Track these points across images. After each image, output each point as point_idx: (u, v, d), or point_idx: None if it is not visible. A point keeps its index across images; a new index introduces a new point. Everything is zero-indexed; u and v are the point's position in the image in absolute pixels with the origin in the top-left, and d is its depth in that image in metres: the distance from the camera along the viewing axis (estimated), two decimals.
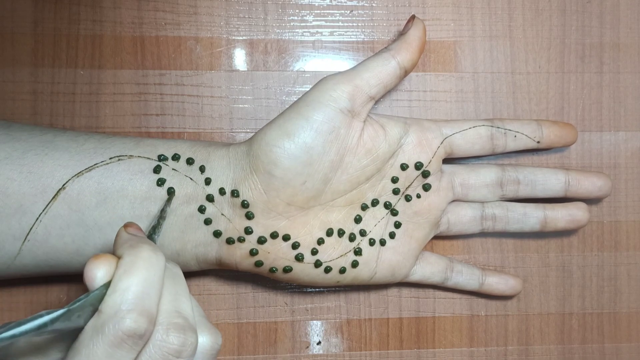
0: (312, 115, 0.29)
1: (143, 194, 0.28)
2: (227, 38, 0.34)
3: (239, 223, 0.29)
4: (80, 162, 0.28)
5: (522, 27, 0.36)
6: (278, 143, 0.28)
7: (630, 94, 0.37)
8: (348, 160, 0.30)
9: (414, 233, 0.32)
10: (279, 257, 0.30)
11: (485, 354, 0.36)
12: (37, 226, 0.27)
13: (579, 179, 0.34)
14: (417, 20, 0.31)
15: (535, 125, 0.33)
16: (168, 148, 0.29)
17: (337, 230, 0.31)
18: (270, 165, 0.28)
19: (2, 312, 0.33)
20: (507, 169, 0.33)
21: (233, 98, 0.34)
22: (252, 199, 0.29)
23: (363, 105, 0.30)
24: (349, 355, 0.35)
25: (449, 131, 0.32)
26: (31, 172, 0.27)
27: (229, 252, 0.30)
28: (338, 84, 0.29)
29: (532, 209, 0.34)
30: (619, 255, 0.37)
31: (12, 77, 0.33)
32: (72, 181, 0.28)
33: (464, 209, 0.33)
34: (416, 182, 0.32)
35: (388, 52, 0.30)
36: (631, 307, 0.37)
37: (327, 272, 0.31)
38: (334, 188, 0.30)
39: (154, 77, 0.34)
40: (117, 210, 0.28)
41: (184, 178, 0.29)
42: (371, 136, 0.30)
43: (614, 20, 0.37)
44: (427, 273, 0.33)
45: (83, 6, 0.34)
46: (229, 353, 0.34)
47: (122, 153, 0.29)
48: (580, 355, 0.36)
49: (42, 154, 0.28)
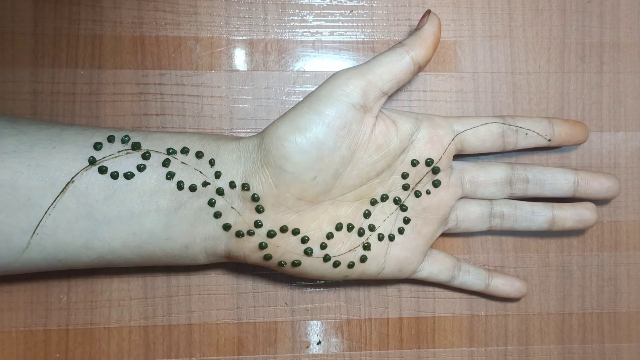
0: (324, 110, 0.29)
1: (152, 187, 0.28)
2: (227, 38, 0.34)
3: (248, 216, 0.29)
4: (88, 156, 0.28)
5: (522, 27, 0.36)
6: (289, 137, 0.28)
7: (630, 94, 0.37)
8: (359, 155, 0.30)
9: (422, 229, 0.32)
10: (287, 251, 0.30)
11: (485, 354, 0.36)
12: (46, 220, 0.27)
13: (588, 179, 0.34)
14: (432, 15, 0.31)
15: (546, 123, 0.33)
16: (177, 141, 0.29)
17: (346, 225, 0.31)
18: (281, 160, 0.28)
19: (1, 312, 0.33)
20: (517, 167, 0.33)
21: (233, 98, 0.34)
22: (263, 192, 0.29)
23: (375, 100, 0.30)
24: (349, 355, 0.35)
25: (461, 128, 0.32)
26: (39, 166, 0.27)
27: (238, 246, 0.30)
28: (351, 79, 0.29)
29: (540, 207, 0.34)
30: (618, 255, 0.37)
31: (12, 77, 0.33)
32: (80, 174, 0.28)
33: (473, 206, 0.33)
34: (426, 178, 0.32)
35: (402, 47, 0.30)
36: (631, 307, 0.37)
37: (336, 267, 0.31)
38: (344, 183, 0.30)
39: (154, 77, 0.34)
40: (126, 204, 0.28)
41: (193, 171, 0.29)
42: (383, 132, 0.30)
43: (614, 20, 0.37)
44: (434, 270, 0.33)
45: (83, 6, 0.34)
46: (229, 353, 0.34)
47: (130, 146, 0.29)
48: (580, 355, 0.36)
49: (50, 147, 0.28)
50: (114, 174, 0.28)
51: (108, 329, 0.34)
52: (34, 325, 0.33)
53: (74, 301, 0.33)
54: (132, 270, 0.34)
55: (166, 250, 0.29)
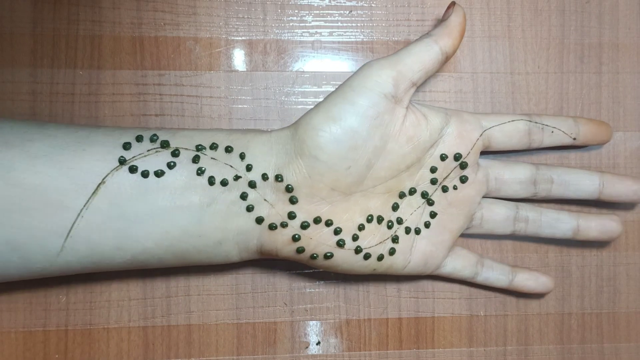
0: (358, 100, 0.29)
1: (183, 184, 0.28)
2: (226, 38, 0.34)
3: (281, 208, 0.29)
4: (117, 156, 0.28)
5: (521, 27, 0.36)
6: (324, 127, 0.28)
7: (629, 94, 0.37)
8: (390, 146, 0.30)
9: (448, 224, 0.32)
10: (320, 243, 0.30)
11: (484, 354, 0.36)
12: (79, 222, 0.27)
13: (614, 182, 0.33)
14: (458, 7, 0.31)
15: (572, 122, 0.34)
16: (205, 138, 0.30)
17: (376, 216, 0.31)
18: (316, 150, 0.29)
19: (1, 312, 0.33)
20: (541, 167, 0.34)
21: (232, 98, 0.34)
22: (297, 183, 0.29)
23: (406, 91, 0.30)
24: (348, 355, 0.35)
25: (488, 124, 0.32)
26: (70, 168, 0.27)
27: (270, 239, 0.30)
28: (382, 69, 0.29)
29: (565, 215, 0.34)
30: (617, 255, 0.37)
31: (11, 78, 0.33)
32: (111, 175, 0.28)
33: (499, 207, 0.34)
34: (453, 173, 0.32)
35: (430, 37, 0.30)
36: (630, 307, 0.37)
37: (366, 259, 0.31)
38: (375, 174, 0.30)
39: (153, 77, 0.34)
40: (157, 202, 0.28)
41: (223, 166, 0.29)
42: (413, 124, 0.30)
43: (613, 21, 0.37)
44: (457, 266, 0.33)
45: (82, 7, 0.34)
46: (228, 353, 0.34)
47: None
48: (580, 355, 0.36)
49: (80, 149, 0.28)
50: (145, 173, 0.28)
51: (107, 330, 0.33)
52: (33, 325, 0.33)
53: (73, 302, 0.33)
54: (131, 271, 0.34)
55: (199, 247, 0.29)
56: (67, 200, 0.27)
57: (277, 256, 0.31)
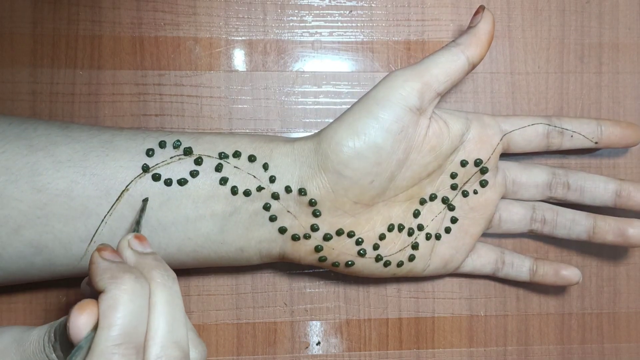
0: (382, 115, 0.28)
1: (206, 192, 0.28)
2: (226, 38, 0.34)
3: (305, 220, 0.29)
4: (141, 163, 0.28)
5: (521, 28, 0.36)
6: (348, 143, 0.28)
7: (629, 94, 0.37)
8: (413, 157, 0.30)
9: (469, 229, 0.32)
10: (342, 253, 0.30)
11: (484, 354, 0.36)
12: (103, 228, 0.28)
13: (631, 190, 0.33)
14: (487, 13, 0.30)
15: (594, 125, 0.33)
16: (228, 144, 0.29)
17: (397, 225, 0.31)
18: (340, 165, 0.28)
19: (0, 312, 0.33)
20: (558, 172, 0.33)
21: (232, 98, 0.34)
22: (320, 197, 0.29)
23: (430, 102, 0.29)
24: (349, 355, 0.35)
25: (509, 127, 0.32)
26: (94, 175, 0.27)
27: (293, 248, 0.30)
28: (408, 81, 0.29)
29: (582, 216, 0.33)
30: (617, 255, 0.37)
31: (11, 78, 0.33)
32: (134, 182, 0.28)
33: (516, 207, 0.33)
34: (474, 177, 0.32)
35: (457, 46, 0.30)
36: (630, 307, 0.37)
37: (386, 266, 0.31)
38: (397, 184, 0.30)
39: (153, 77, 0.34)
40: (180, 210, 0.28)
41: (246, 176, 0.29)
42: (436, 133, 0.30)
43: (613, 21, 0.37)
44: (477, 265, 0.34)
45: (82, 7, 0.34)
46: (228, 354, 0.34)
47: (181, 152, 0.29)
48: (580, 355, 0.36)
49: (103, 155, 0.28)
50: (168, 181, 0.28)
51: None
52: (32, 325, 0.33)
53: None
54: None
55: (221, 253, 0.30)
56: (91, 206, 0.27)
57: (299, 263, 0.31)
